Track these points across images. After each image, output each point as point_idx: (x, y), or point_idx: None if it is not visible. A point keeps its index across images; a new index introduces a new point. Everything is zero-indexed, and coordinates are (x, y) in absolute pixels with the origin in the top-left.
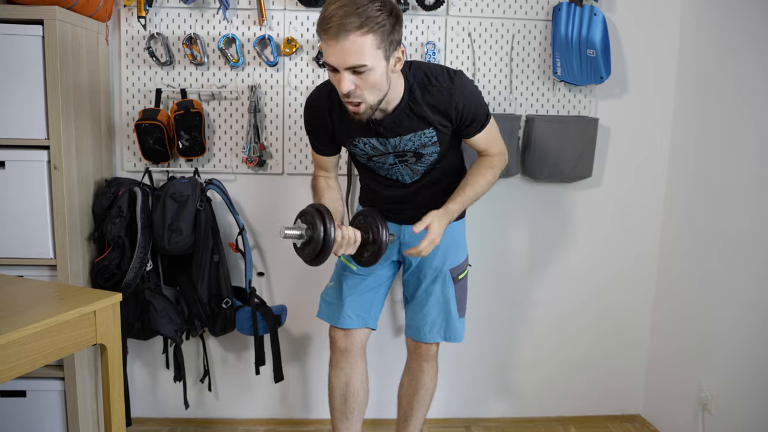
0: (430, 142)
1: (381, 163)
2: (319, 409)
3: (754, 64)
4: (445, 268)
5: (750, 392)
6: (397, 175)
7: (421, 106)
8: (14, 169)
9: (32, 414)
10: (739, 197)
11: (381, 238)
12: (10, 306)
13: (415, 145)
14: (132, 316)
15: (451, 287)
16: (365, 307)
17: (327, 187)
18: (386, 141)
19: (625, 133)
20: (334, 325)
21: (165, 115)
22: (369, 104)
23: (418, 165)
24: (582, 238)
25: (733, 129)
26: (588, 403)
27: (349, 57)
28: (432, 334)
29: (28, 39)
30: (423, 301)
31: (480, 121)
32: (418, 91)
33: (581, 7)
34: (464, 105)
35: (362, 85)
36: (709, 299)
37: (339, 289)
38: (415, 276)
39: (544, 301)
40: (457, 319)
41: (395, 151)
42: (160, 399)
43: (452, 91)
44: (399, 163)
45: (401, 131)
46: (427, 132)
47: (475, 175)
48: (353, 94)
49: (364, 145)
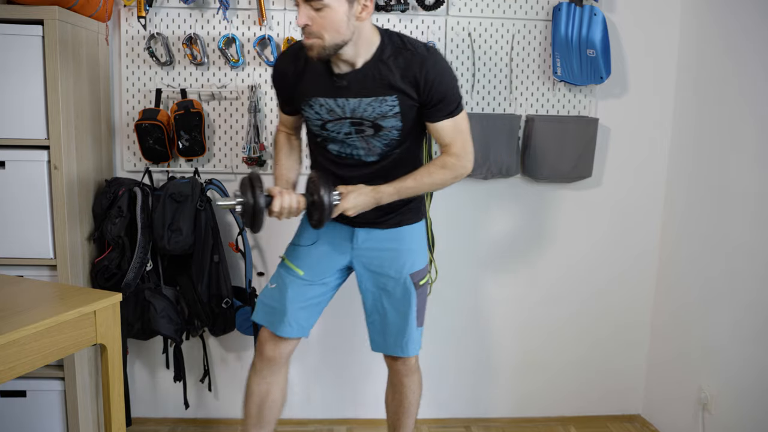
0: (391, 112)
1: (336, 132)
2: (319, 409)
3: (754, 64)
4: (405, 273)
5: (750, 392)
6: (351, 150)
7: (391, 68)
8: (14, 169)
9: (32, 414)
10: (739, 197)
11: (323, 200)
12: (10, 306)
13: (374, 113)
14: (132, 316)
15: (413, 293)
16: (306, 317)
17: (287, 146)
18: (345, 102)
19: (625, 133)
20: (274, 332)
21: (165, 115)
22: (323, 44)
23: (375, 139)
24: (582, 239)
25: (733, 129)
26: (588, 403)
27: None
28: (392, 348)
29: (28, 39)
30: (383, 312)
31: (448, 106)
32: (390, 52)
33: (581, 7)
34: (435, 78)
35: (320, 22)
36: (709, 300)
37: (283, 294)
38: (373, 284)
39: (544, 301)
40: (415, 330)
41: (353, 116)
42: (160, 399)
43: (425, 59)
44: (355, 133)
45: (364, 92)
46: (389, 99)
47: (423, 169)
48: (308, 30)
49: (320, 107)
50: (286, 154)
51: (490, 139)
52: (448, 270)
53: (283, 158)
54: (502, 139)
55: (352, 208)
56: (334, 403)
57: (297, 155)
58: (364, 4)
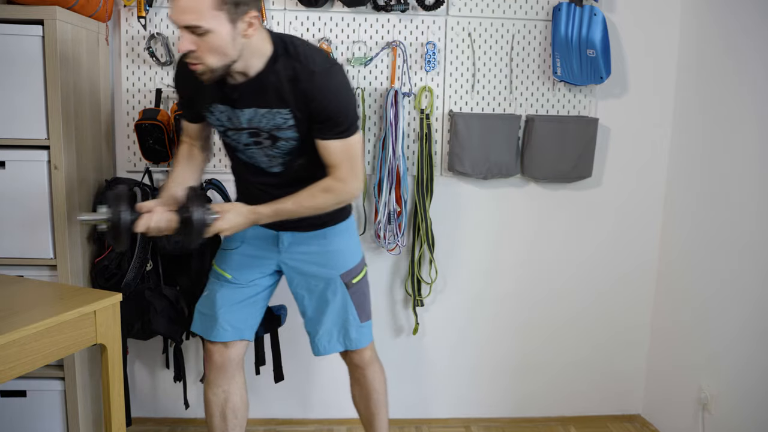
0: (286, 125)
1: (237, 141)
2: (319, 409)
3: (755, 64)
4: (334, 276)
5: (750, 392)
6: (255, 161)
7: (281, 80)
8: (14, 169)
9: (32, 414)
10: (739, 197)
11: (192, 218)
12: (10, 306)
13: (270, 124)
14: (132, 316)
15: (345, 294)
16: (241, 318)
17: (186, 158)
18: (241, 113)
19: (625, 133)
20: (208, 339)
21: (165, 115)
22: (209, 67)
23: (273, 150)
24: (582, 239)
25: (733, 129)
26: (588, 403)
27: (184, 15)
28: (332, 345)
29: (28, 39)
30: (318, 313)
31: (337, 126)
32: (282, 64)
33: (581, 7)
34: (323, 94)
35: (202, 46)
36: (708, 299)
37: (213, 299)
38: (304, 288)
39: (544, 302)
40: (359, 326)
41: (249, 126)
42: (160, 399)
43: (314, 74)
44: (254, 145)
45: (257, 102)
46: (283, 112)
47: (305, 191)
48: (192, 55)
49: (220, 113)
50: (181, 167)
51: (490, 139)
52: (448, 270)
53: (176, 170)
54: (502, 139)
55: (228, 228)
56: (334, 403)
57: (194, 169)
58: (249, 21)
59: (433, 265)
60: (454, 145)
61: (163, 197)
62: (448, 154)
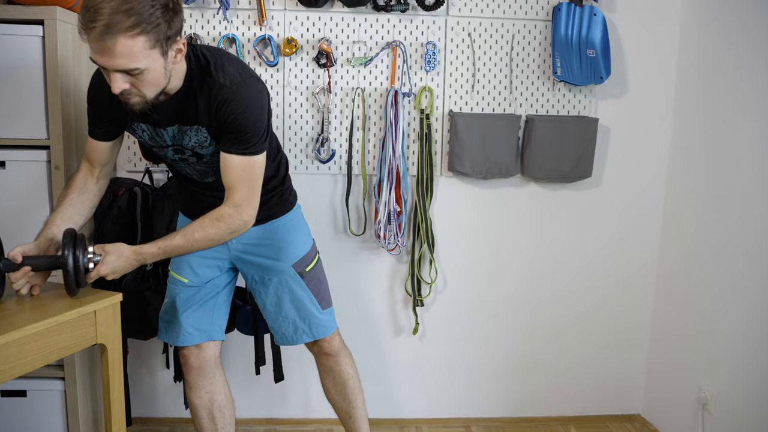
0: (207, 142)
1: (164, 156)
2: (319, 409)
3: (755, 63)
4: (286, 265)
5: (750, 392)
6: (185, 172)
7: (197, 98)
8: (14, 169)
9: (32, 414)
10: (739, 197)
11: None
12: (10, 306)
13: (191, 142)
14: (132, 316)
15: (300, 284)
16: (205, 320)
17: (80, 189)
18: (163, 131)
19: (625, 133)
20: (175, 345)
21: None
22: (145, 100)
23: (201, 166)
24: (582, 239)
25: (734, 129)
26: (588, 403)
27: (119, 60)
28: (298, 335)
29: (28, 39)
30: (277, 306)
31: (242, 142)
32: (197, 81)
33: (581, 7)
34: (231, 108)
35: (137, 83)
36: (709, 299)
37: (173, 305)
38: (259, 283)
39: (544, 302)
40: (320, 313)
41: (173, 143)
42: (160, 399)
43: (225, 87)
44: (180, 161)
45: (177, 120)
46: (203, 130)
47: (195, 223)
48: (127, 92)
49: (143, 132)
50: (70, 201)
51: (490, 139)
52: (448, 270)
53: (64, 204)
54: (502, 139)
55: (111, 273)
56: None
57: (84, 204)
58: (178, 48)
59: (433, 265)
60: (454, 145)
61: (40, 237)
62: (448, 154)
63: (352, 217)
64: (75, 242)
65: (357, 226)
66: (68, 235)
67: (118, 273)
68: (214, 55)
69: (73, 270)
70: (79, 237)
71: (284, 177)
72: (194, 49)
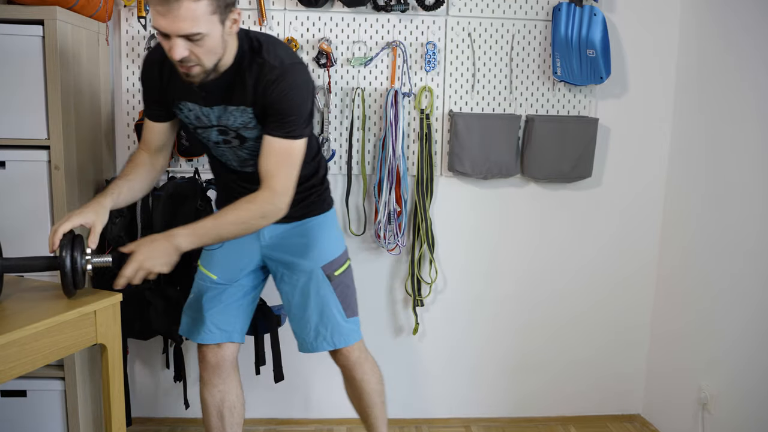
0: (251, 123)
1: (207, 139)
2: (319, 409)
3: (755, 63)
4: (316, 266)
5: (750, 392)
6: (225, 158)
7: (245, 78)
8: (14, 169)
9: (32, 414)
10: (739, 197)
11: (65, 263)
12: (10, 306)
13: (237, 122)
14: (132, 316)
15: (328, 287)
16: (228, 320)
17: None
18: (209, 111)
19: (625, 133)
20: (195, 341)
21: None
22: (204, 68)
23: (242, 151)
24: (582, 239)
25: (733, 129)
26: (588, 403)
27: (182, 24)
28: (318, 343)
29: (28, 39)
30: (301, 308)
31: (286, 124)
32: (248, 60)
33: (581, 7)
34: (280, 90)
35: (197, 51)
36: (709, 299)
37: (199, 301)
38: (287, 282)
39: (544, 302)
40: (344, 321)
41: (219, 123)
42: (160, 399)
43: (276, 68)
44: (223, 143)
45: (224, 100)
46: (249, 111)
47: (229, 207)
48: (187, 60)
49: (189, 111)
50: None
51: (490, 139)
52: (448, 270)
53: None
54: (502, 139)
55: (148, 259)
56: (334, 403)
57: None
58: (234, 18)
59: (433, 265)
60: (454, 145)
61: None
62: (448, 154)
63: (352, 217)
64: (73, 243)
65: (357, 226)
66: (66, 236)
67: (157, 259)
68: (267, 38)
69: (70, 271)
70: (77, 238)
71: (323, 178)
72: (247, 31)
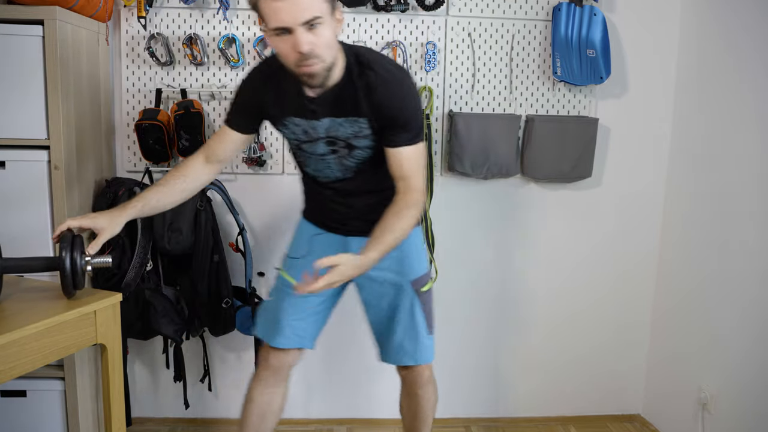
0: (362, 133)
1: (311, 153)
2: (319, 409)
3: (755, 63)
4: (404, 281)
5: (750, 392)
6: (326, 169)
7: (357, 90)
8: (14, 169)
9: (32, 414)
10: (739, 197)
11: (64, 263)
12: (10, 306)
13: (347, 133)
14: (132, 316)
15: (417, 303)
16: (306, 327)
17: (177, 176)
18: (318, 124)
19: (625, 133)
20: (270, 344)
21: (165, 115)
22: (325, 64)
23: (348, 159)
24: (582, 239)
25: (733, 129)
26: (588, 403)
27: (304, 10)
28: (400, 357)
29: (28, 39)
30: (388, 321)
31: (409, 132)
32: (357, 73)
33: (581, 7)
34: (398, 102)
35: (318, 42)
36: (709, 299)
37: (279, 305)
38: (374, 295)
39: (544, 302)
40: (426, 337)
41: (327, 135)
42: (160, 399)
43: (388, 81)
44: (330, 153)
45: (335, 112)
46: (361, 121)
47: (393, 216)
48: (312, 54)
49: (295, 126)
50: (162, 183)
51: (490, 139)
52: (447, 270)
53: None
54: (502, 139)
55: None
56: (334, 403)
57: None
58: (338, 18)
59: (433, 265)
60: (454, 145)
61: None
62: (447, 154)
63: None
64: (73, 244)
65: None
66: (66, 236)
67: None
68: (370, 51)
69: (70, 272)
70: (77, 239)
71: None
72: (350, 46)
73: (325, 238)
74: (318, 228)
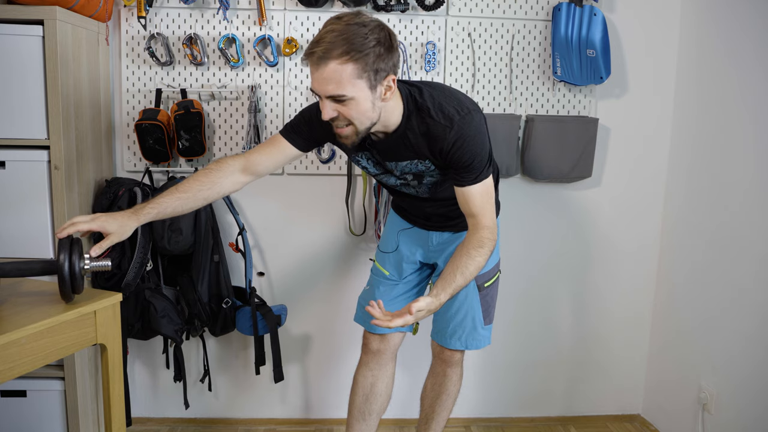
0: (428, 170)
1: (385, 182)
2: (319, 409)
3: (754, 64)
4: None
5: (750, 392)
6: (404, 189)
7: (417, 137)
8: (14, 169)
9: (32, 414)
10: (738, 197)
11: (63, 266)
12: (10, 306)
13: (414, 170)
14: (132, 316)
15: (475, 296)
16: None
17: (212, 174)
18: (387, 163)
19: (625, 133)
20: (367, 330)
21: (165, 115)
22: (357, 129)
23: (421, 187)
24: (582, 238)
25: (732, 129)
26: (588, 403)
27: (327, 85)
28: (453, 341)
29: (28, 39)
30: (447, 306)
31: (474, 172)
32: (416, 121)
33: (581, 7)
34: (459, 148)
35: (345, 113)
36: (708, 299)
37: (373, 293)
38: None
39: (544, 302)
40: (482, 328)
41: (396, 173)
42: (160, 399)
43: (447, 129)
44: (401, 185)
45: (397, 157)
46: (425, 162)
47: (464, 257)
48: (338, 121)
49: (367, 161)
50: (184, 190)
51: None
52: None
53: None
54: (502, 139)
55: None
56: (334, 403)
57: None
58: (388, 85)
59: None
60: None
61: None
62: None
63: (352, 217)
64: (71, 248)
65: (357, 226)
66: (65, 240)
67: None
68: (431, 92)
69: (68, 276)
70: (75, 242)
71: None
72: (410, 88)
73: (410, 233)
74: (405, 222)
